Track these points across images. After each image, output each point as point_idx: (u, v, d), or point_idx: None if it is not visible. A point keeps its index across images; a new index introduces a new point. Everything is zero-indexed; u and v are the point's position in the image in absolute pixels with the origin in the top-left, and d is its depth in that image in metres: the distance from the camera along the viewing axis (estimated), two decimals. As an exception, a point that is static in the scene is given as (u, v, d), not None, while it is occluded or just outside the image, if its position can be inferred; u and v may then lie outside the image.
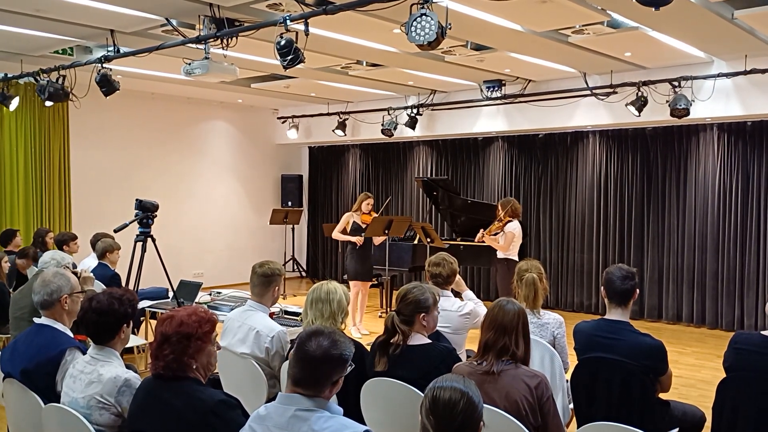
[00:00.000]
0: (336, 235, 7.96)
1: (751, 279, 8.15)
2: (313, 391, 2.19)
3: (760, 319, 7.95)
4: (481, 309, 4.23)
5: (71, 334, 3.22)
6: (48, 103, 7.32)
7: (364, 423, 3.07)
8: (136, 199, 5.81)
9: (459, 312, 4.12)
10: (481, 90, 9.01)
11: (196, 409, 2.39)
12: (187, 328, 2.45)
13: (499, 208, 7.43)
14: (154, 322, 5.91)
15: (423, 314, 3.22)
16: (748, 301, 8.17)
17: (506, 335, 2.81)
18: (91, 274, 4.85)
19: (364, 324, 7.97)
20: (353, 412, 3.06)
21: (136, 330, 6.11)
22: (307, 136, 11.72)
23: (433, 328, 3.37)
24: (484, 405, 2.16)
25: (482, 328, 2.91)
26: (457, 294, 4.45)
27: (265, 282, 3.86)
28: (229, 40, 5.59)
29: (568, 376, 3.67)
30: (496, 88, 8.86)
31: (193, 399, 2.41)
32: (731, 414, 3.14)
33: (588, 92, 8.31)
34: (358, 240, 7.70)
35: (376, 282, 8.68)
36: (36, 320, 3.22)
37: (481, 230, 7.53)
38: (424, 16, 4.19)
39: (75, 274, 5.12)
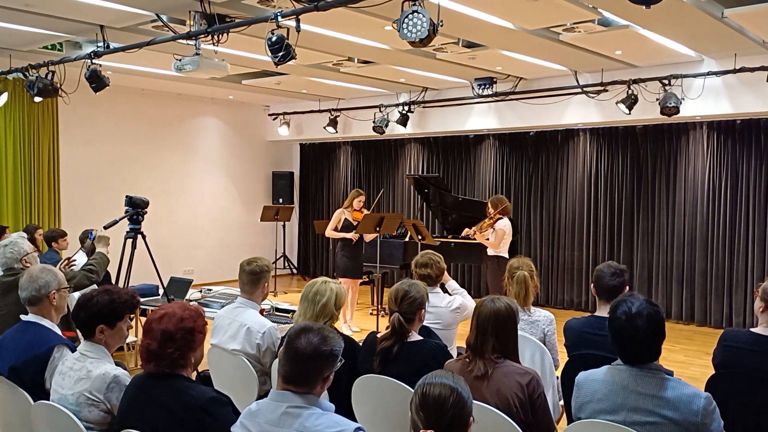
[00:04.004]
0: (329, 233, 7.95)
1: (740, 277, 8.20)
2: (304, 388, 2.19)
3: (749, 317, 8.00)
4: (469, 301, 4.26)
5: (59, 331, 3.20)
6: (37, 99, 7.26)
7: (355, 420, 3.08)
8: (126, 196, 5.77)
9: (449, 308, 4.15)
10: (473, 87, 9.01)
11: (187, 406, 2.38)
12: (188, 323, 2.45)
13: (489, 205, 7.45)
14: (144, 320, 5.87)
15: (422, 310, 3.29)
16: (736, 298, 8.22)
17: (494, 334, 2.80)
18: (108, 234, 4.78)
19: (354, 321, 7.97)
20: (344, 408, 3.06)
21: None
22: (299, 132, 11.70)
23: (422, 321, 3.41)
24: (475, 402, 2.16)
25: (470, 329, 2.91)
26: (442, 286, 4.47)
27: (253, 279, 3.85)
28: (220, 36, 5.56)
29: (558, 373, 3.68)
30: (488, 86, 8.86)
31: (184, 396, 2.40)
32: (720, 410, 3.16)
33: (579, 90, 8.33)
34: (353, 236, 7.69)
35: (367, 279, 8.69)
36: (23, 317, 3.20)
37: (466, 228, 7.51)
38: (415, 13, 4.20)
39: (86, 234, 5.09)
